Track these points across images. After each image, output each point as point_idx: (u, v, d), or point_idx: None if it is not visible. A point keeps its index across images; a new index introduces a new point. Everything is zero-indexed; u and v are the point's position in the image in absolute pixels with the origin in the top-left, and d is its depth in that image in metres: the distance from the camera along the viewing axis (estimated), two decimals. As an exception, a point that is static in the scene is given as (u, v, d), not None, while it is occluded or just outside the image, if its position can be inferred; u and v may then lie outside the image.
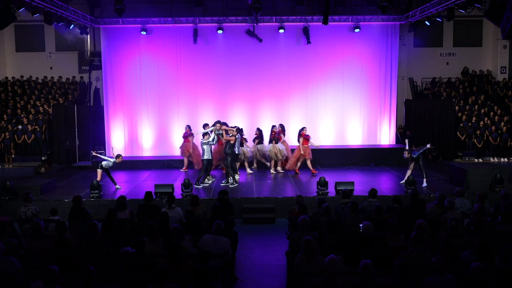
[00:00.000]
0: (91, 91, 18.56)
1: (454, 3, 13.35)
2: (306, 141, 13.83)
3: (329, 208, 7.46)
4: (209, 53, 16.51)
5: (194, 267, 5.38)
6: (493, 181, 11.26)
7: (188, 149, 14.53)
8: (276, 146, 14.12)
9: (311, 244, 5.53)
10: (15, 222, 8.34)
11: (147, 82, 16.55)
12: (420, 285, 4.94)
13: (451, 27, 19.29)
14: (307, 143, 13.85)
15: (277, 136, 14.20)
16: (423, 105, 17.64)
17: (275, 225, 10.69)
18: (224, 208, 7.90)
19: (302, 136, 13.83)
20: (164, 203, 9.12)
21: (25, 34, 19.44)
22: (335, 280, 4.84)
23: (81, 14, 15.23)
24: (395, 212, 7.71)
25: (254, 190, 12.15)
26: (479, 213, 7.38)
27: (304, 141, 13.81)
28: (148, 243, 6.18)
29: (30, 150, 16.84)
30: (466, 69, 19.60)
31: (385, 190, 11.98)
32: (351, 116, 16.89)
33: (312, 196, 10.98)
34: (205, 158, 12.36)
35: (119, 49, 16.53)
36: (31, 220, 7.93)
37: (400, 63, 17.66)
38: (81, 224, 7.38)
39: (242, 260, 8.26)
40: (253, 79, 16.54)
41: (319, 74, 16.70)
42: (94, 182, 11.38)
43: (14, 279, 5.33)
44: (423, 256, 5.60)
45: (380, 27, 16.62)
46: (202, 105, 16.62)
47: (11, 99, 18.51)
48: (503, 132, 16.84)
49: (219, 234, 6.50)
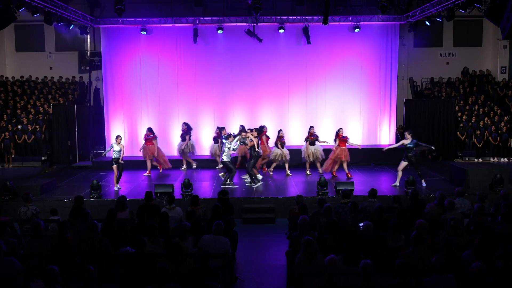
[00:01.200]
0: (91, 91, 18.56)
1: (454, 3, 13.35)
2: (343, 142, 13.24)
3: (330, 208, 7.47)
4: (209, 53, 16.52)
5: (194, 267, 5.38)
6: (493, 181, 11.26)
7: (152, 152, 14.10)
8: (310, 148, 13.59)
9: (311, 244, 5.53)
10: (15, 222, 8.34)
11: (147, 82, 16.55)
12: (420, 285, 4.94)
13: (451, 27, 19.28)
14: (344, 145, 13.27)
15: (312, 138, 13.62)
16: (423, 105, 17.64)
17: (275, 225, 10.69)
18: (224, 208, 7.90)
19: (339, 137, 13.27)
20: (164, 203, 9.12)
21: (25, 34, 19.43)
22: (335, 280, 4.84)
23: (81, 14, 15.23)
24: (395, 212, 7.71)
25: (254, 190, 12.15)
26: (479, 213, 7.38)
27: (341, 142, 13.22)
28: (148, 243, 6.18)
29: (30, 150, 16.82)
30: (466, 69, 19.60)
31: (385, 190, 11.97)
32: (351, 116, 16.89)
33: (312, 196, 10.98)
34: (224, 160, 12.35)
35: (119, 49, 16.53)
36: (31, 220, 7.94)
37: (400, 63, 17.66)
38: (81, 224, 7.39)
39: (242, 260, 8.26)
40: (253, 79, 16.54)
41: (319, 74, 16.69)
42: (94, 182, 11.38)
43: (14, 279, 5.33)
44: (423, 256, 5.60)
45: (380, 27, 16.63)
46: (202, 105, 16.62)
47: (11, 99, 18.50)
48: (503, 132, 16.83)
49: (219, 234, 6.50)
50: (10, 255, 5.66)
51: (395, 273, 4.92)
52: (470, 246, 5.68)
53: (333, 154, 13.36)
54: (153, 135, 14.24)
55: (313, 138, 13.66)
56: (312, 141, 13.64)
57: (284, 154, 13.70)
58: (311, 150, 13.61)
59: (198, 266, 5.33)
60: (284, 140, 13.87)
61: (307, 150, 13.69)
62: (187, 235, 6.40)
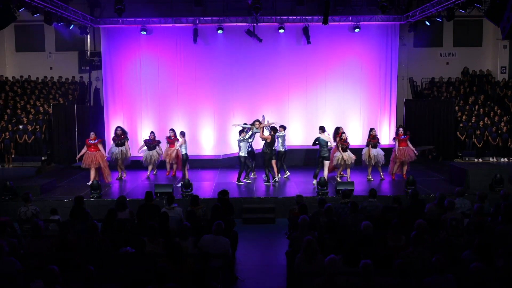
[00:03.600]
0: (91, 91, 18.56)
1: (454, 3, 13.35)
2: (404, 142, 12.66)
3: (331, 209, 7.47)
4: (209, 53, 16.51)
5: (194, 267, 5.38)
6: (493, 181, 11.26)
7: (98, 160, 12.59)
8: (372, 151, 12.72)
9: (311, 244, 5.54)
10: (15, 222, 8.34)
11: (147, 82, 16.55)
12: (420, 285, 4.94)
13: (451, 27, 19.27)
14: (405, 145, 12.67)
15: (374, 140, 12.82)
16: (423, 105, 17.64)
17: (275, 225, 10.69)
18: (224, 208, 7.91)
19: (398, 137, 12.76)
20: (164, 203, 9.12)
21: (25, 34, 19.42)
22: (335, 280, 4.84)
23: (81, 14, 15.23)
24: (395, 212, 7.72)
25: (254, 190, 12.15)
26: (479, 213, 7.39)
27: (402, 142, 12.66)
28: (148, 243, 6.18)
29: (30, 150, 16.83)
30: (466, 69, 19.60)
31: (385, 190, 11.98)
32: (351, 116, 16.88)
33: (312, 196, 10.98)
34: (241, 155, 12.48)
35: (119, 49, 16.53)
36: (31, 220, 7.94)
37: (400, 63, 17.65)
38: (81, 224, 7.39)
39: (242, 260, 8.26)
40: (253, 79, 16.52)
41: (319, 74, 16.68)
42: (94, 182, 11.40)
43: (14, 279, 5.33)
44: (423, 256, 5.60)
45: (380, 27, 16.62)
46: (202, 105, 16.61)
47: (11, 99, 18.50)
48: (503, 132, 16.83)
49: (219, 234, 6.51)
50: (10, 255, 5.66)
51: (395, 273, 4.92)
52: (470, 246, 5.68)
53: (393, 155, 12.81)
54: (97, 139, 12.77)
55: (375, 141, 12.83)
56: (374, 144, 12.80)
57: (345, 158, 12.39)
58: (373, 153, 12.75)
59: (198, 266, 5.33)
60: (347, 142, 12.54)
61: (368, 154, 12.79)
62: (187, 235, 6.40)
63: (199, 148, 16.52)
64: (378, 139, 12.98)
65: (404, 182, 11.85)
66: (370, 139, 12.90)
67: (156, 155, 13.79)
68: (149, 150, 13.77)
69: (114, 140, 13.49)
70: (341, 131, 12.59)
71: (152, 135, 13.91)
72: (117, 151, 13.31)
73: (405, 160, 12.75)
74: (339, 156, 12.41)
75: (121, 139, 13.34)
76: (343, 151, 12.38)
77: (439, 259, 5.00)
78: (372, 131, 12.98)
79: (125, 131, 13.74)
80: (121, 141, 13.32)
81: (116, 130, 13.56)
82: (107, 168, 12.89)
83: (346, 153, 12.40)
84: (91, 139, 12.63)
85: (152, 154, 13.74)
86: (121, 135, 13.36)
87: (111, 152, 13.44)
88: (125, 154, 13.40)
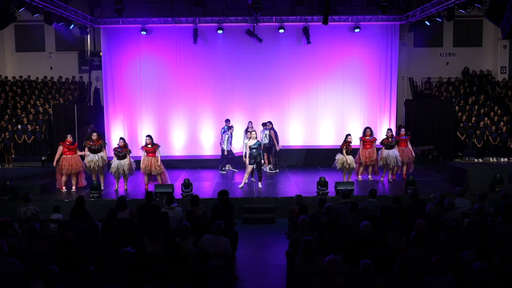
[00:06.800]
0: (91, 91, 18.56)
1: (454, 3, 13.34)
2: (404, 143, 12.73)
3: (332, 209, 7.47)
4: (209, 53, 16.50)
5: (194, 267, 5.39)
6: (493, 181, 11.26)
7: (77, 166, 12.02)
8: (388, 152, 12.40)
9: (310, 244, 5.54)
10: (15, 222, 8.34)
11: (147, 82, 16.54)
12: (420, 285, 4.94)
13: (451, 27, 19.28)
14: (405, 145, 12.79)
15: (389, 141, 12.45)
16: (423, 105, 17.63)
17: (275, 225, 10.70)
18: (224, 208, 7.91)
19: (400, 137, 12.74)
20: (164, 203, 9.13)
21: (25, 34, 19.41)
22: (335, 280, 4.84)
23: (81, 14, 15.22)
24: (395, 212, 7.72)
25: (254, 190, 12.15)
26: (479, 213, 7.38)
27: (402, 142, 12.69)
28: (148, 243, 6.18)
29: (30, 150, 16.83)
30: (466, 69, 19.59)
31: (385, 190, 11.98)
32: (351, 116, 16.87)
33: (312, 196, 10.98)
34: None
35: (119, 49, 16.51)
36: (31, 220, 7.94)
37: (400, 63, 17.63)
38: (81, 224, 7.39)
39: (242, 260, 8.27)
40: (253, 79, 16.52)
41: (319, 74, 16.68)
42: (94, 182, 11.39)
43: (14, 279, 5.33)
44: (423, 256, 5.60)
45: (380, 27, 16.61)
46: (202, 105, 16.60)
47: (11, 99, 18.50)
48: (503, 132, 16.83)
49: (219, 234, 6.51)
50: (10, 255, 5.66)
51: (395, 273, 4.92)
52: (470, 246, 5.68)
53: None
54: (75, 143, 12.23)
55: (391, 142, 12.45)
56: (389, 145, 12.43)
57: (349, 162, 12.26)
58: (390, 154, 12.41)
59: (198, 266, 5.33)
60: (350, 145, 12.45)
61: (383, 155, 12.48)
62: (188, 234, 6.40)
63: (199, 148, 16.52)
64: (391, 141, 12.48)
65: (404, 182, 11.85)
66: (385, 140, 12.54)
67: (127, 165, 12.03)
68: (118, 159, 12.03)
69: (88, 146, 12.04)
70: (349, 140, 12.42)
71: (122, 141, 12.17)
72: (97, 158, 11.96)
73: (404, 160, 12.72)
74: (343, 159, 12.27)
75: (98, 145, 12.07)
76: (347, 154, 12.26)
77: (439, 259, 5.00)
78: (389, 132, 12.71)
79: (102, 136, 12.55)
80: (98, 147, 12.08)
81: (92, 135, 12.23)
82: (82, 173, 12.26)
83: (349, 157, 12.28)
84: (67, 142, 11.85)
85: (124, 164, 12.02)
86: (96, 141, 12.06)
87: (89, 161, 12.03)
88: (105, 160, 12.20)
